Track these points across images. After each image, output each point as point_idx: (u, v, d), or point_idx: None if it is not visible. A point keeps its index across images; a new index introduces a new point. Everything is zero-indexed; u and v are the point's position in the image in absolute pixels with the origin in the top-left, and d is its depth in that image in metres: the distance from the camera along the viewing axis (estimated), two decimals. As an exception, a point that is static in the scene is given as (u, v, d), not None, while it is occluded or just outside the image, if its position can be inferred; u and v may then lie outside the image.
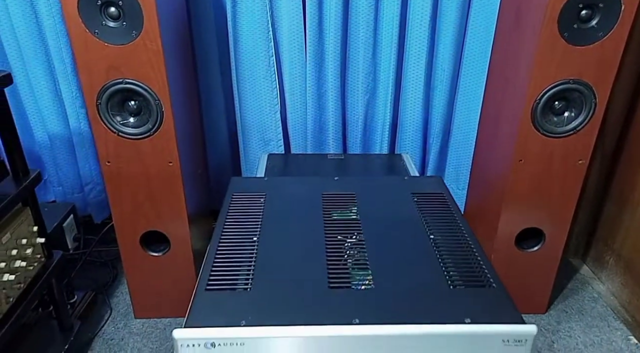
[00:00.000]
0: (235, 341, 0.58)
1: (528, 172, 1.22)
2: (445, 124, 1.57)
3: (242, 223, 0.80)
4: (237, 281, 0.67)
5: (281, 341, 0.59)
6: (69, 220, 1.56)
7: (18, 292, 0.97)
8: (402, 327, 0.59)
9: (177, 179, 1.20)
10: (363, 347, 0.59)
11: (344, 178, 0.98)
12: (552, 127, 1.17)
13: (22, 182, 0.99)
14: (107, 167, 1.17)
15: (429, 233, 0.78)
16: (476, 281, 0.68)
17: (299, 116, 1.54)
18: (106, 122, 1.11)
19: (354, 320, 0.60)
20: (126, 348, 1.28)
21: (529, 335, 0.60)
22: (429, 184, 0.95)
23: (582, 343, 1.32)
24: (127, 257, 1.30)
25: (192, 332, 0.58)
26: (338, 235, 0.76)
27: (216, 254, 0.73)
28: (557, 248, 1.33)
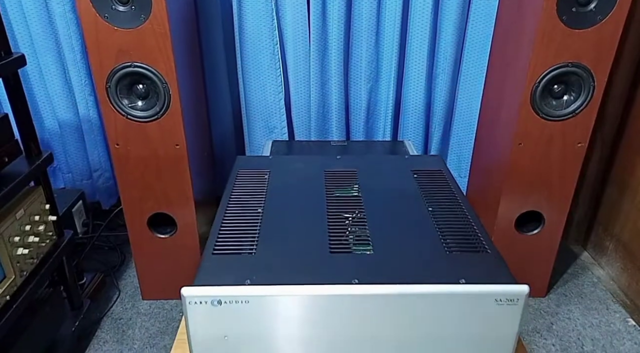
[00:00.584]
0: (240, 299, 0.61)
1: (528, 155, 1.24)
2: (447, 111, 1.59)
3: (248, 196, 0.83)
4: (242, 246, 0.70)
5: (284, 299, 0.61)
6: (78, 205, 1.60)
7: (31, 266, 1.01)
8: (399, 287, 0.61)
9: (183, 162, 1.23)
10: (362, 306, 0.62)
11: (345, 156, 1.00)
12: (551, 110, 1.19)
13: (34, 161, 1.02)
14: (116, 149, 1.21)
15: (428, 206, 0.81)
16: (472, 247, 0.70)
17: (303, 103, 1.57)
18: (115, 105, 1.15)
19: (353, 280, 0.63)
20: (134, 328, 1.32)
21: (521, 295, 0.62)
22: (428, 162, 0.97)
23: (581, 324, 1.35)
24: (135, 238, 1.33)
25: (200, 290, 0.61)
26: (339, 208, 0.78)
27: (222, 222, 0.76)
28: (557, 231, 1.35)
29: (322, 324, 0.63)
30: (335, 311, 0.62)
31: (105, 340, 1.27)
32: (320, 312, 0.62)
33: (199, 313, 0.62)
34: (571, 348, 1.27)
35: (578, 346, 1.27)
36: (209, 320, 0.62)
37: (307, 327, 0.63)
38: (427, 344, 0.64)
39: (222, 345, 0.64)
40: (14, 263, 0.95)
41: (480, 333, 0.64)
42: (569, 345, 1.27)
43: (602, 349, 1.26)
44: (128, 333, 1.30)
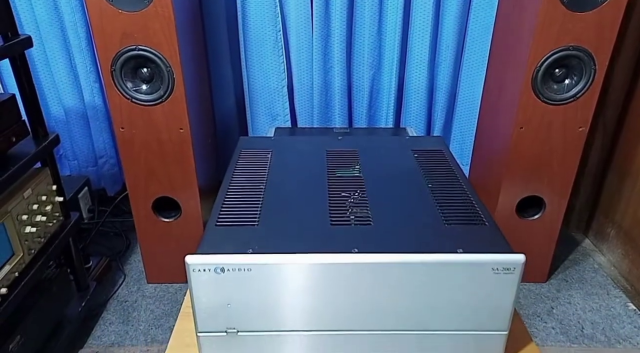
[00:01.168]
0: (243, 267, 0.63)
1: (529, 139, 1.25)
2: (449, 98, 1.60)
3: (250, 173, 0.85)
4: (244, 219, 0.72)
5: (285, 267, 0.63)
6: (84, 192, 1.62)
7: (39, 245, 1.03)
8: (397, 256, 0.63)
9: (187, 146, 1.25)
10: (361, 275, 0.63)
11: (347, 137, 1.01)
12: (552, 94, 1.20)
13: (41, 142, 1.04)
14: (121, 133, 1.22)
15: (427, 183, 0.82)
16: (470, 220, 0.71)
17: (306, 90, 1.58)
18: (120, 89, 1.16)
19: (353, 249, 0.64)
20: (139, 310, 1.34)
21: (517, 264, 0.63)
22: (429, 143, 0.98)
23: (582, 309, 1.35)
24: (140, 222, 1.35)
25: (203, 258, 0.63)
26: (340, 185, 0.80)
27: (225, 196, 0.77)
28: (558, 217, 1.36)
29: (323, 292, 0.64)
30: (335, 279, 0.64)
31: (111, 321, 1.29)
32: (320, 280, 0.64)
33: (202, 280, 0.63)
34: (571, 331, 1.28)
35: (578, 329, 1.28)
36: (213, 287, 0.64)
37: (307, 295, 0.65)
38: (425, 312, 0.66)
39: (225, 312, 0.66)
40: (22, 241, 0.97)
41: (477, 302, 0.65)
42: (569, 328, 1.29)
43: (602, 332, 1.27)
44: (133, 315, 1.32)
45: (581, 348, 1.22)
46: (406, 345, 0.68)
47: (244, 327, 0.67)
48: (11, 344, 0.95)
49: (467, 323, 0.67)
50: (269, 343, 0.68)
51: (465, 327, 0.67)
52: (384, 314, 0.66)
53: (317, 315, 0.66)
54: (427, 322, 0.67)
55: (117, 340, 1.23)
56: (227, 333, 0.67)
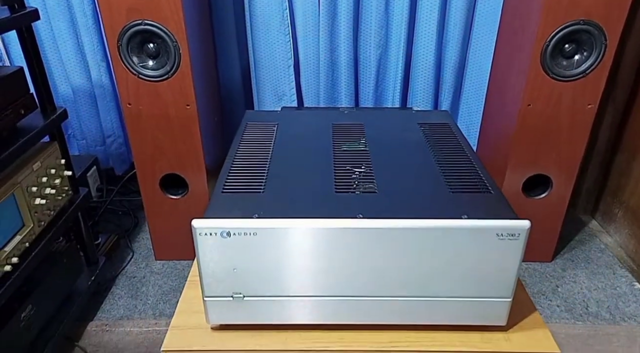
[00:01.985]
0: (248, 231, 0.63)
1: (536, 116, 1.24)
2: (457, 78, 1.58)
3: (256, 144, 0.85)
4: (250, 186, 0.72)
5: (290, 232, 0.63)
6: (92, 171, 1.63)
7: (48, 218, 1.04)
8: (401, 221, 0.63)
9: (194, 122, 1.25)
10: (366, 240, 0.64)
11: (353, 111, 1.01)
12: (561, 70, 1.18)
13: (49, 115, 1.05)
14: (128, 108, 1.23)
15: (433, 153, 0.82)
16: (475, 188, 0.71)
17: (312, 70, 1.57)
18: (127, 64, 1.16)
19: (358, 215, 0.65)
20: (147, 285, 1.36)
21: (522, 230, 0.63)
22: (435, 116, 0.98)
23: (587, 288, 1.35)
24: (147, 199, 1.36)
25: (209, 222, 0.63)
26: (345, 155, 0.80)
27: (232, 165, 0.78)
28: (565, 195, 1.35)
29: (327, 257, 0.65)
30: (340, 245, 0.64)
31: (120, 296, 1.31)
32: (325, 245, 0.64)
33: (208, 244, 0.64)
34: (575, 309, 1.28)
35: (583, 307, 1.29)
36: (219, 252, 0.65)
37: (312, 260, 0.65)
38: (429, 278, 0.66)
39: (231, 277, 0.67)
40: (32, 213, 0.98)
41: (481, 268, 0.65)
42: (574, 307, 1.29)
43: (607, 310, 1.27)
44: (142, 290, 1.34)
45: (585, 325, 1.23)
46: (410, 311, 0.69)
47: (249, 291, 0.68)
48: (23, 313, 0.97)
49: (471, 289, 0.67)
50: (274, 308, 0.69)
51: (469, 293, 0.68)
52: (388, 280, 0.67)
53: (322, 280, 0.67)
54: (431, 288, 0.67)
55: (126, 313, 1.25)
56: (234, 298, 0.68)
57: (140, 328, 1.19)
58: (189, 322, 0.74)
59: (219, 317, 0.70)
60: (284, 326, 0.72)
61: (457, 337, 0.71)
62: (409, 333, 0.71)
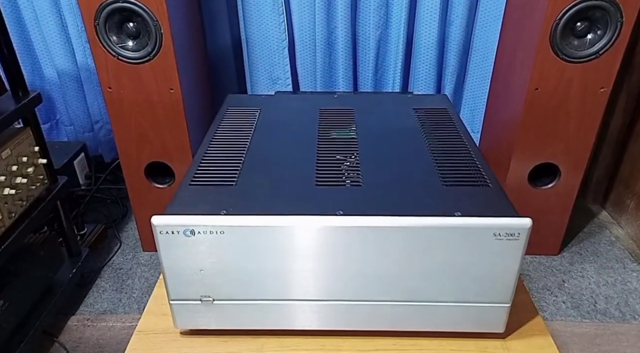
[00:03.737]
0: (215, 229, 0.57)
1: (544, 100, 1.16)
2: (461, 61, 1.49)
3: (234, 131, 0.78)
4: (222, 178, 0.65)
5: (261, 231, 0.57)
6: (80, 158, 1.58)
7: (21, 209, 0.99)
8: (387, 219, 0.56)
9: (179, 107, 1.18)
10: (347, 239, 0.57)
11: (343, 94, 0.94)
12: (572, 51, 1.09)
13: (20, 100, 0.99)
14: (108, 93, 1.16)
15: (427, 142, 0.75)
16: (471, 181, 0.64)
17: (308, 53, 1.49)
18: (105, 45, 1.09)
19: (338, 211, 0.58)
20: (133, 278, 1.31)
21: (523, 229, 0.56)
22: (433, 101, 0.90)
23: (595, 283, 1.28)
24: (133, 188, 1.30)
25: (171, 218, 0.57)
26: (330, 143, 0.73)
27: (204, 154, 0.71)
28: (573, 185, 1.27)
29: (303, 258, 0.58)
30: (318, 244, 0.57)
31: (104, 289, 1.27)
32: (300, 245, 0.57)
33: (171, 244, 0.58)
34: (583, 305, 1.21)
35: (590, 304, 1.21)
36: (183, 252, 0.58)
37: (287, 261, 0.59)
38: (418, 282, 0.59)
39: (198, 279, 0.60)
40: (1, 203, 0.92)
41: (477, 271, 0.58)
42: (581, 303, 1.22)
43: (617, 307, 1.20)
44: (127, 282, 1.29)
45: (593, 323, 1.16)
46: (397, 317, 0.62)
47: (219, 295, 0.62)
48: (-7, 309, 0.92)
49: (466, 294, 0.60)
50: (248, 313, 0.63)
51: (463, 298, 0.61)
52: (372, 283, 0.60)
53: (298, 283, 0.60)
54: (419, 292, 0.60)
55: (109, 307, 1.20)
56: (202, 301, 0.62)
57: (124, 323, 1.14)
58: (157, 325, 0.68)
59: (187, 321, 0.64)
60: (260, 331, 0.66)
61: (449, 344, 0.64)
62: (396, 340, 0.65)
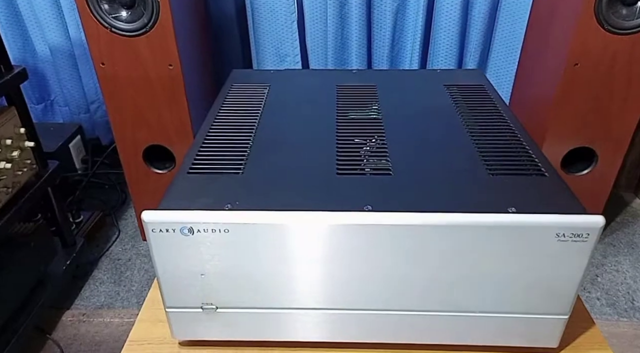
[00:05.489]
0: (218, 227, 0.47)
1: (584, 78, 1.04)
2: (486, 36, 1.37)
3: (240, 110, 0.68)
4: (226, 165, 0.55)
5: (273, 229, 0.47)
6: (76, 140, 1.49)
7: (6, 196, 0.90)
8: (425, 216, 0.46)
9: (179, 85, 1.08)
10: (377, 240, 0.47)
11: (363, 71, 0.83)
12: (619, 20, 0.97)
13: (3, 75, 0.89)
14: (101, 69, 1.06)
15: (465, 124, 0.64)
16: (523, 169, 0.54)
17: (319, 27, 1.38)
18: (96, 15, 0.99)
19: (365, 206, 0.48)
20: (132, 269, 1.22)
21: (593, 228, 0.46)
22: (466, 76, 0.79)
23: (632, 277, 1.18)
24: (130, 174, 1.21)
25: (165, 214, 0.47)
26: (351, 124, 0.62)
27: (206, 136, 0.61)
28: (611, 172, 1.17)
29: (324, 261, 0.49)
30: (341, 246, 0.48)
31: (102, 281, 1.18)
32: (321, 246, 0.48)
33: (166, 244, 0.48)
34: (619, 303, 1.11)
35: (627, 301, 1.12)
36: (180, 253, 0.49)
37: (304, 264, 0.49)
38: (461, 290, 0.50)
39: (198, 284, 0.51)
40: (-19, 191, 0.83)
41: (532, 277, 0.49)
42: (617, 300, 1.12)
43: (656, 305, 1.11)
44: (126, 274, 1.20)
45: (632, 322, 1.06)
46: (433, 328, 0.53)
47: (223, 302, 0.52)
48: (-24, 307, 0.84)
49: (516, 304, 0.51)
50: (256, 323, 0.54)
51: (512, 309, 0.51)
52: (406, 291, 0.50)
53: (317, 290, 0.51)
54: (462, 302, 0.51)
55: (107, 301, 1.12)
56: (203, 309, 0.53)
57: (122, 318, 1.06)
58: (153, 333, 0.59)
59: (186, 331, 0.55)
60: (269, 343, 0.56)
61: (492, 360, 0.55)
62: (429, 355, 0.56)
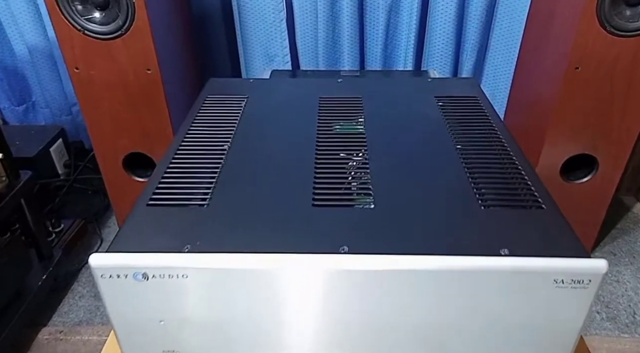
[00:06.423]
0: (175, 272, 0.42)
1: (585, 82, 0.99)
2: (483, 34, 1.31)
3: (213, 128, 0.63)
4: (192, 194, 0.50)
5: (237, 274, 0.42)
6: (58, 144, 1.43)
7: (-29, 213, 0.85)
8: (406, 260, 0.41)
9: (158, 90, 1.02)
10: (354, 285, 0.42)
11: (349, 80, 0.77)
12: (623, 22, 0.92)
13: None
14: (75, 74, 1.00)
15: (455, 143, 0.59)
16: (518, 200, 0.49)
17: (309, 26, 1.32)
18: (67, 17, 0.93)
19: (341, 247, 0.43)
20: (115, 280, 1.17)
21: (595, 275, 0.41)
22: (458, 86, 0.74)
23: (632, 289, 1.14)
24: (110, 182, 1.16)
25: (114, 258, 0.42)
26: (332, 146, 0.57)
27: (171, 161, 0.56)
28: (612, 180, 1.12)
29: (294, 308, 0.44)
30: (315, 291, 0.43)
31: (81, 295, 1.14)
32: (290, 291, 0.43)
33: (117, 290, 0.43)
34: (620, 316, 1.07)
35: (629, 314, 1.07)
36: (135, 300, 0.44)
37: (272, 309, 0.44)
38: (447, 339, 0.45)
39: (158, 331, 0.46)
40: (-58, 210, 0.78)
41: (525, 326, 0.44)
42: (618, 314, 1.08)
43: (658, 319, 1.06)
44: (108, 286, 1.16)
45: (634, 338, 1.02)
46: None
47: (186, 349, 0.47)
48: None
49: None
50: (225, 369, 0.49)
51: (504, 356, 0.46)
52: (388, 341, 0.45)
53: (288, 337, 0.46)
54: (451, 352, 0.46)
55: (85, 317, 1.07)
56: (165, 356, 0.48)
57: (100, 336, 1.02)
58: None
59: (148, 379, 0.51)
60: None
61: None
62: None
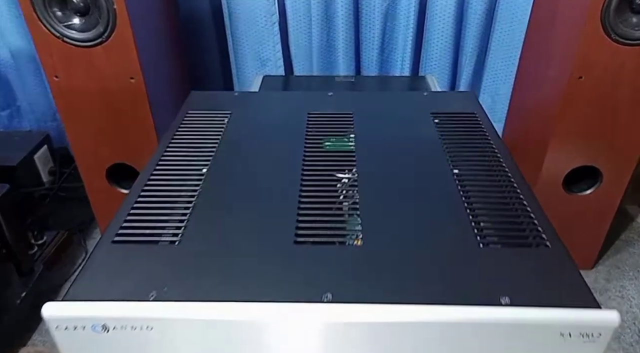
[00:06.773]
0: (138, 323, 0.38)
1: (589, 92, 0.94)
2: (482, 38, 1.27)
3: (191, 149, 0.58)
4: (162, 230, 0.46)
5: (206, 325, 0.38)
6: (42, 150, 1.38)
7: (-59, 232, 0.80)
8: (395, 309, 0.37)
9: (142, 100, 0.98)
10: (338, 337, 0.38)
11: (340, 94, 0.73)
12: (628, 30, 0.87)
13: None
14: (55, 82, 0.96)
15: (452, 168, 0.54)
16: (520, 237, 0.44)
17: (303, 29, 1.28)
18: (45, 23, 0.88)
19: (324, 295, 0.38)
20: (99, 296, 1.13)
21: (605, 328, 0.37)
22: (456, 101, 0.69)
23: (637, 305, 1.10)
24: (93, 194, 1.12)
25: (70, 308, 0.38)
26: (319, 171, 0.52)
27: (142, 191, 0.51)
28: (616, 192, 1.07)
29: (273, 362, 0.39)
30: (294, 344, 0.38)
31: (64, 311, 1.09)
32: (268, 345, 0.38)
33: (75, 343, 0.39)
34: (625, 334, 1.03)
35: (634, 333, 1.03)
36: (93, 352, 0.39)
37: (249, 364, 0.40)
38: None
39: (123, 383, 0.42)
40: None
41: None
42: (622, 332, 1.03)
43: (664, 338, 1.02)
44: (92, 302, 1.11)
45: (638, 359, 0.98)
46: None
47: (155, 402, 0.43)
48: None
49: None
50: None
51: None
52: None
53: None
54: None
55: (67, 335, 1.03)
56: (133, 407, 0.44)
57: (82, 357, 0.97)
58: None
59: None
60: None
61: None
62: None
